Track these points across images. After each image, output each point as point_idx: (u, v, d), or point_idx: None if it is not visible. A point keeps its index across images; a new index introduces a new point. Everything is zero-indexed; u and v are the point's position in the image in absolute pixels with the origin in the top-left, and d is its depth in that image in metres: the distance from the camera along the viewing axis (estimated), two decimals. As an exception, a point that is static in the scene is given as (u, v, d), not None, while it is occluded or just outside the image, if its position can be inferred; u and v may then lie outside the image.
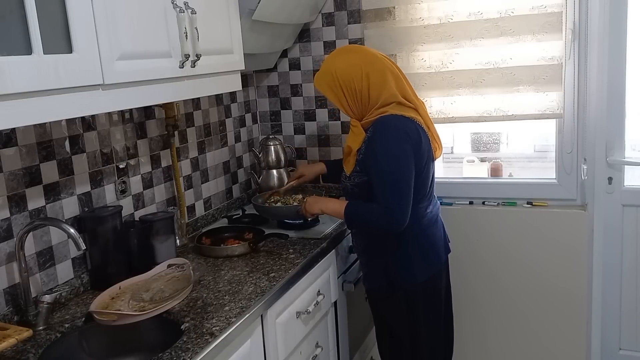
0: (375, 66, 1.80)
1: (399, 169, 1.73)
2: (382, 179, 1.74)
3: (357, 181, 1.84)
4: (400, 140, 1.73)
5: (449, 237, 2.02)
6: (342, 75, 1.79)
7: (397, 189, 1.72)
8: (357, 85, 1.79)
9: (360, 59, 1.81)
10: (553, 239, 2.41)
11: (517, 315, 2.54)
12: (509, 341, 2.58)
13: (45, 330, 1.48)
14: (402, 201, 1.73)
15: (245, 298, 1.60)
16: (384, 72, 1.80)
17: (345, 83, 1.79)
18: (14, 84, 1.08)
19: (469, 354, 2.64)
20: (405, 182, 1.73)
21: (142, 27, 1.42)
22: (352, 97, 1.81)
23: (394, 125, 1.75)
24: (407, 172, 1.74)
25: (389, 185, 1.73)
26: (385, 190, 1.74)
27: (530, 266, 2.47)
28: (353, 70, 1.79)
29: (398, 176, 1.73)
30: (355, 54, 1.84)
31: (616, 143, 2.38)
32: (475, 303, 2.58)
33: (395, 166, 1.73)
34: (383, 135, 1.75)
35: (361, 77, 1.78)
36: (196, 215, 2.32)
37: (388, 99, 1.78)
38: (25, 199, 1.56)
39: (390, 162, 1.73)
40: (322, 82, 1.85)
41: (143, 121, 2.02)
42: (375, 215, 1.76)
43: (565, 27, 2.22)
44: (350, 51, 1.87)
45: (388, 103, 1.79)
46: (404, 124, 1.76)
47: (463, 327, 2.60)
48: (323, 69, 1.86)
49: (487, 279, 2.55)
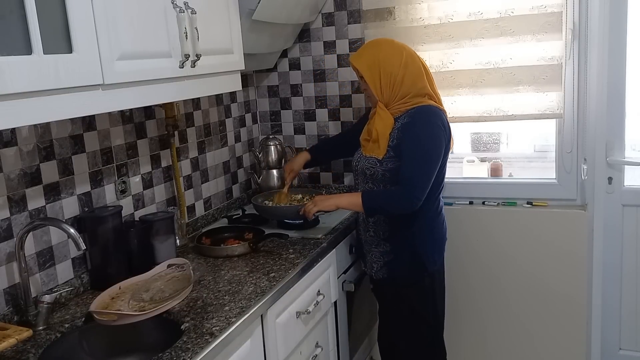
0: (414, 59, 1.96)
1: (431, 153, 1.86)
2: (414, 159, 1.86)
3: (391, 166, 1.92)
4: (439, 128, 1.89)
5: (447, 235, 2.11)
6: (384, 58, 1.92)
7: (425, 170, 1.86)
8: (395, 71, 1.90)
9: (403, 49, 1.95)
10: (553, 239, 2.41)
11: (517, 315, 2.54)
12: (509, 341, 2.57)
13: (45, 330, 1.48)
14: (425, 182, 1.85)
15: (245, 298, 1.60)
16: (420, 66, 1.96)
17: (385, 66, 1.91)
18: (13, 84, 1.08)
19: (469, 354, 2.63)
20: (432, 166, 1.87)
21: (142, 27, 1.42)
22: (386, 81, 1.92)
23: (434, 113, 1.91)
24: (436, 158, 1.88)
25: (419, 165, 1.85)
26: (413, 169, 1.85)
27: (530, 266, 2.47)
28: (395, 57, 1.92)
29: (428, 159, 1.86)
30: (398, 45, 1.97)
31: (616, 143, 2.38)
32: (475, 303, 2.58)
33: (429, 150, 1.86)
34: (424, 121, 1.88)
35: (400, 65, 1.91)
36: (196, 215, 2.32)
37: (421, 90, 1.93)
38: (25, 199, 1.56)
39: (426, 146, 1.86)
40: (362, 60, 1.95)
41: (143, 121, 2.02)
42: (395, 196, 1.88)
43: (565, 27, 2.22)
44: (393, 42, 2.00)
45: (421, 94, 1.93)
46: (440, 115, 1.92)
47: (463, 326, 2.60)
48: (366, 50, 1.98)
49: (487, 278, 2.54)
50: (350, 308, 2.23)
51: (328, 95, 2.67)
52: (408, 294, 2.03)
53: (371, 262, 2.06)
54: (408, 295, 2.03)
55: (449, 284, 2.24)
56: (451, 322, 2.42)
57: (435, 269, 2.03)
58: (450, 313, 2.35)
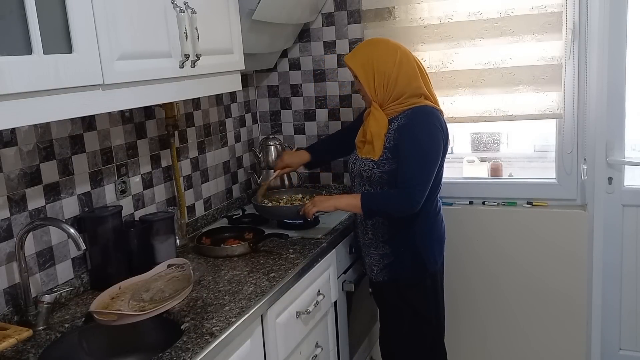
0: (409, 58, 1.93)
1: (430, 154, 1.85)
2: (413, 160, 1.84)
3: (388, 168, 1.90)
4: (436, 129, 1.87)
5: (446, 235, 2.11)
6: (378, 57, 1.90)
7: (424, 172, 1.84)
8: (389, 70, 1.88)
9: (397, 48, 1.93)
10: (553, 239, 2.41)
11: (517, 315, 2.54)
12: (509, 340, 2.57)
13: (45, 330, 1.48)
14: (425, 184, 1.85)
15: (245, 298, 1.60)
16: (414, 66, 1.93)
17: (378, 65, 1.89)
18: (14, 84, 1.08)
19: (469, 354, 2.63)
20: (431, 168, 1.86)
21: (142, 27, 1.42)
22: (380, 81, 1.90)
23: (432, 114, 1.89)
24: (435, 159, 1.87)
25: (418, 167, 1.84)
26: (413, 170, 1.83)
27: (530, 266, 2.47)
28: (389, 56, 1.90)
29: (427, 160, 1.85)
30: (393, 44, 1.95)
31: (616, 143, 2.38)
32: (475, 303, 2.58)
33: (428, 151, 1.85)
34: (422, 122, 1.86)
35: (394, 64, 1.88)
36: (196, 215, 2.32)
37: (416, 90, 1.90)
38: (25, 199, 1.56)
39: (425, 147, 1.85)
40: (356, 60, 1.93)
41: (143, 121, 2.01)
42: (394, 198, 1.86)
43: (565, 27, 2.22)
44: (388, 41, 1.97)
45: (417, 94, 1.90)
46: (437, 115, 1.91)
47: (462, 326, 2.60)
48: (360, 50, 1.96)
49: (487, 278, 2.54)
50: (350, 308, 2.23)
51: (328, 95, 2.67)
52: (410, 295, 2.02)
53: (370, 265, 2.05)
54: (410, 297, 2.02)
55: (448, 284, 2.24)
56: (451, 322, 2.41)
57: (436, 269, 2.03)
58: (450, 313, 2.35)
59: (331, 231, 2.14)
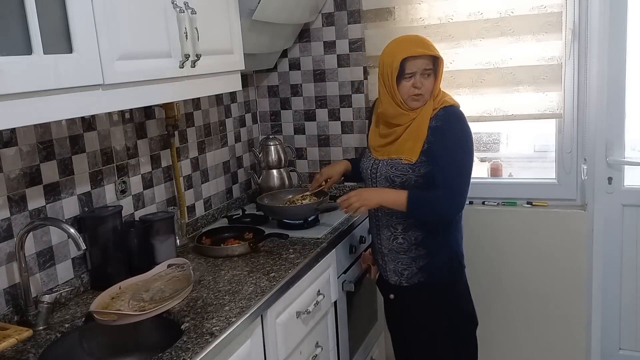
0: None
1: (468, 159, 1.84)
2: (455, 165, 1.81)
3: (423, 171, 1.84)
4: (469, 134, 1.85)
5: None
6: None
7: (464, 176, 1.82)
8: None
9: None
10: (553, 238, 2.41)
11: (517, 314, 2.54)
12: (509, 340, 2.58)
13: (45, 330, 1.48)
14: (466, 189, 1.83)
15: (245, 298, 1.60)
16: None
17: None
18: (13, 84, 1.08)
19: (469, 354, 2.63)
20: (469, 171, 1.84)
21: (142, 27, 1.42)
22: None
23: (463, 117, 1.86)
24: (471, 161, 1.86)
25: (459, 171, 1.81)
26: (454, 176, 1.80)
27: (530, 266, 2.47)
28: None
29: (467, 165, 1.83)
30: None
31: (616, 143, 2.38)
32: (475, 302, 2.57)
33: (466, 155, 1.83)
34: (459, 127, 1.83)
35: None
36: (196, 215, 2.32)
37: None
38: (26, 199, 1.56)
39: (464, 152, 1.83)
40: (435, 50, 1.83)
41: (143, 121, 2.02)
42: (440, 200, 1.81)
43: (565, 27, 2.22)
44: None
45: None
46: (465, 118, 1.87)
47: (463, 327, 2.60)
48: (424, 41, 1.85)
49: (487, 278, 2.54)
50: (350, 308, 2.23)
51: (328, 95, 2.67)
52: (450, 293, 1.95)
53: (398, 270, 1.95)
54: (449, 295, 1.95)
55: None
56: (451, 322, 2.41)
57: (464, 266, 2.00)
58: (450, 313, 2.35)
59: (331, 231, 2.14)
